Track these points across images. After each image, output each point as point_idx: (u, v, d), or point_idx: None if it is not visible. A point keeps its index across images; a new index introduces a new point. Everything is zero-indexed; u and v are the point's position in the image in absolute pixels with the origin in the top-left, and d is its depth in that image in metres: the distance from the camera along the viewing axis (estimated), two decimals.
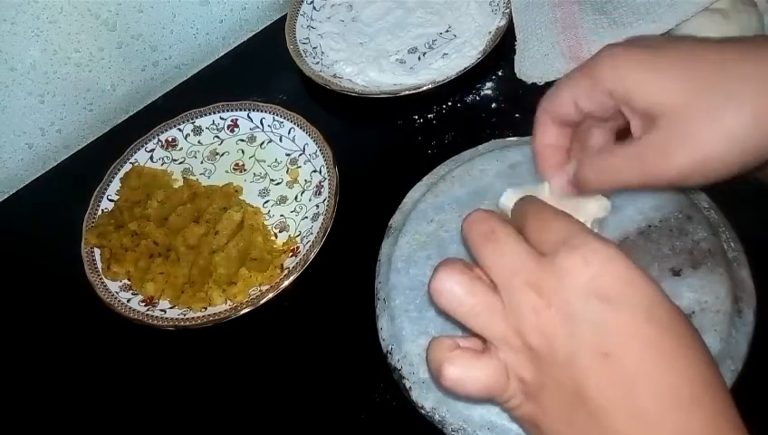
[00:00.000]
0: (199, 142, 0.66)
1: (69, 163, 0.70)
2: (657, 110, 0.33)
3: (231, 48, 0.77)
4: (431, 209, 0.53)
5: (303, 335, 0.53)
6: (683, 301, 0.44)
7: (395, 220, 0.55)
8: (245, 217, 0.58)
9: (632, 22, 0.61)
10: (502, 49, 0.66)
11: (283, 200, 0.61)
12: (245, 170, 0.64)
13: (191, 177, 0.63)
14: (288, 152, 0.63)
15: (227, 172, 0.64)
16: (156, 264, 0.56)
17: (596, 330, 0.28)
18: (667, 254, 0.47)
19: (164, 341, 0.54)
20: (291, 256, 0.56)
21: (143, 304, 0.55)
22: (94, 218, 0.60)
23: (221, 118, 0.66)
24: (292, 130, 0.64)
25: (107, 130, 0.72)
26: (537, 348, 0.29)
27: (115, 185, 0.62)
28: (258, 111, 0.66)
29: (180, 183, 0.63)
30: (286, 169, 0.63)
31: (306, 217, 0.58)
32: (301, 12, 0.74)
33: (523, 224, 0.32)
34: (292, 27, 0.73)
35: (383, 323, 0.49)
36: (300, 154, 0.63)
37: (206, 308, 0.54)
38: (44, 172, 0.70)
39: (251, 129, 0.66)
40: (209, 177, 0.64)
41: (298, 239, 0.57)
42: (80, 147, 0.71)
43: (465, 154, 0.58)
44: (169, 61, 0.75)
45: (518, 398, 0.31)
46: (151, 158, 0.65)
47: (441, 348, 0.31)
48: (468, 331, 0.32)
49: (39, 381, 0.55)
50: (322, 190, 0.59)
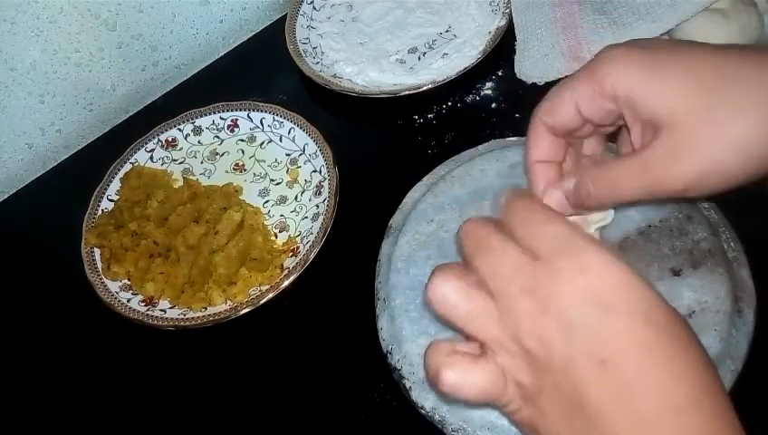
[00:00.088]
0: (199, 142, 0.66)
1: (69, 163, 0.70)
2: (661, 118, 0.32)
3: (231, 48, 0.77)
4: (431, 209, 0.53)
5: (303, 335, 0.53)
6: (683, 301, 0.44)
7: (395, 220, 0.55)
8: (245, 217, 0.58)
9: (632, 22, 0.61)
10: (502, 49, 0.66)
11: (283, 200, 0.61)
12: (245, 170, 0.64)
13: (191, 177, 0.63)
14: (288, 152, 0.63)
15: (227, 172, 0.64)
16: (156, 264, 0.56)
17: (593, 336, 0.28)
18: (667, 254, 0.47)
19: (164, 341, 0.54)
20: (291, 256, 0.56)
21: (143, 304, 0.55)
22: (94, 218, 0.61)
23: (221, 118, 0.66)
24: (292, 130, 0.64)
25: (107, 130, 0.72)
26: (534, 353, 0.29)
27: (115, 185, 0.62)
28: (258, 111, 0.66)
29: (180, 183, 0.63)
30: (286, 169, 0.63)
31: (306, 217, 0.58)
32: (301, 12, 0.74)
33: (515, 226, 0.31)
34: (292, 27, 0.73)
35: (383, 323, 0.49)
36: (300, 154, 0.63)
37: (206, 308, 0.54)
38: (44, 172, 0.70)
39: (251, 129, 0.66)
40: (209, 177, 0.64)
41: (298, 239, 0.57)
42: (80, 147, 0.71)
43: (465, 154, 0.58)
44: (169, 61, 0.75)
45: (517, 402, 0.30)
46: (151, 158, 0.65)
47: (438, 353, 0.31)
48: (465, 336, 0.31)
49: (39, 381, 0.55)
50: (322, 190, 0.59)
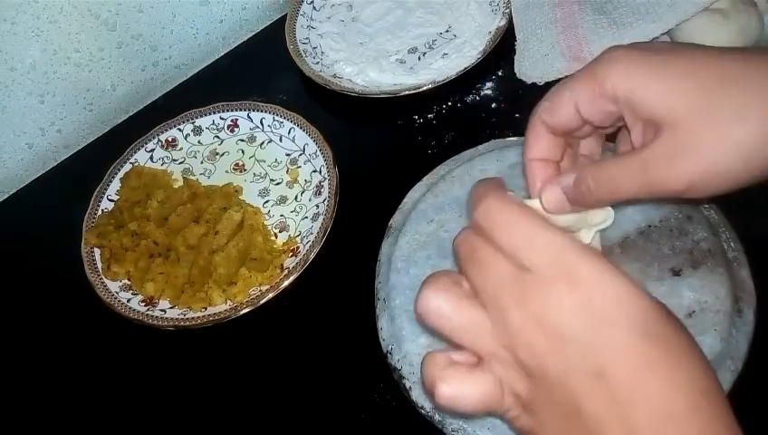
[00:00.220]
0: (199, 142, 0.66)
1: (69, 163, 0.70)
2: (662, 118, 0.32)
3: (231, 48, 0.77)
4: (431, 209, 0.54)
5: (303, 335, 0.53)
6: (683, 301, 0.44)
7: (395, 220, 0.55)
8: (245, 217, 0.58)
9: (632, 22, 0.61)
10: (502, 49, 0.66)
11: (283, 200, 0.61)
12: (245, 170, 0.64)
13: (191, 177, 0.63)
14: (288, 152, 0.63)
15: (227, 172, 0.64)
16: (156, 264, 0.56)
17: (587, 350, 0.27)
18: (667, 254, 0.47)
19: (164, 341, 0.54)
20: (291, 256, 0.56)
21: (143, 304, 0.55)
22: (94, 218, 0.60)
23: (221, 118, 0.66)
24: (292, 130, 0.64)
25: (107, 130, 0.72)
26: (529, 366, 0.28)
27: (115, 185, 0.62)
28: (258, 111, 0.66)
29: (180, 183, 0.63)
30: (286, 169, 0.63)
31: (306, 217, 0.58)
32: (301, 12, 0.74)
33: (499, 237, 0.30)
34: (292, 27, 0.73)
35: (383, 323, 0.49)
36: (300, 154, 0.63)
37: (206, 308, 0.54)
38: (44, 172, 0.70)
39: (251, 129, 0.66)
40: (209, 177, 0.64)
41: (298, 239, 0.57)
42: (80, 147, 0.71)
43: (465, 154, 0.58)
44: (169, 61, 0.75)
45: (515, 410, 0.30)
46: (151, 158, 0.65)
47: (434, 365, 0.31)
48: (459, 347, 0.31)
49: (39, 381, 0.55)
50: (322, 190, 0.59)
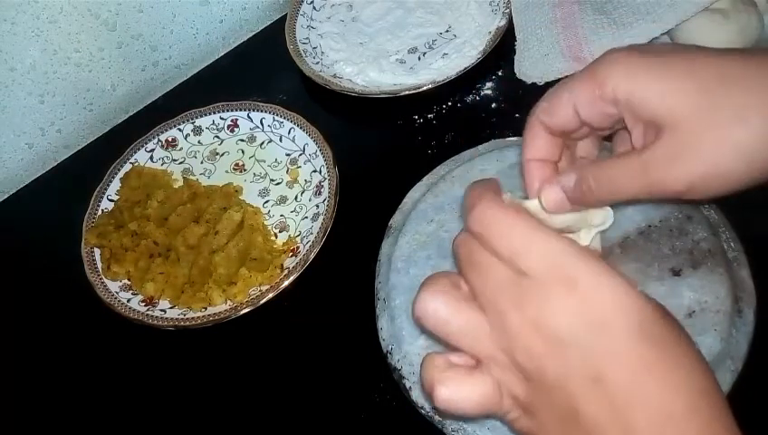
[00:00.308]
0: (199, 142, 0.66)
1: (69, 163, 0.70)
2: (662, 119, 0.32)
3: (231, 48, 0.77)
4: (431, 209, 0.54)
5: (303, 335, 0.53)
6: (683, 301, 0.44)
7: (395, 220, 0.55)
8: (245, 217, 0.58)
9: (632, 22, 0.61)
10: (502, 49, 0.66)
11: (283, 200, 0.61)
12: (245, 170, 0.64)
13: (191, 177, 0.63)
14: (288, 152, 0.63)
15: (227, 172, 0.64)
16: (156, 264, 0.56)
17: (585, 355, 0.27)
18: (667, 254, 0.47)
19: (164, 341, 0.54)
20: (291, 256, 0.56)
21: (143, 304, 0.55)
22: (94, 218, 0.60)
23: (221, 118, 0.66)
24: (292, 130, 0.64)
25: (107, 130, 0.72)
26: (527, 369, 0.29)
27: (115, 185, 0.62)
28: (258, 111, 0.66)
29: (180, 183, 0.63)
30: (286, 169, 0.63)
31: (306, 217, 0.58)
32: (301, 12, 0.74)
33: (494, 242, 0.30)
34: (292, 27, 0.73)
35: (383, 323, 0.49)
36: (300, 154, 0.63)
37: (206, 308, 0.54)
38: (44, 172, 0.70)
39: (251, 129, 0.66)
40: (209, 177, 0.64)
41: (298, 239, 0.57)
42: (80, 147, 0.71)
43: (465, 154, 0.58)
44: (169, 61, 0.75)
45: (515, 412, 0.30)
46: (151, 158, 0.65)
47: (432, 368, 0.31)
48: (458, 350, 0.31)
49: (39, 381, 0.55)
50: (322, 190, 0.59)
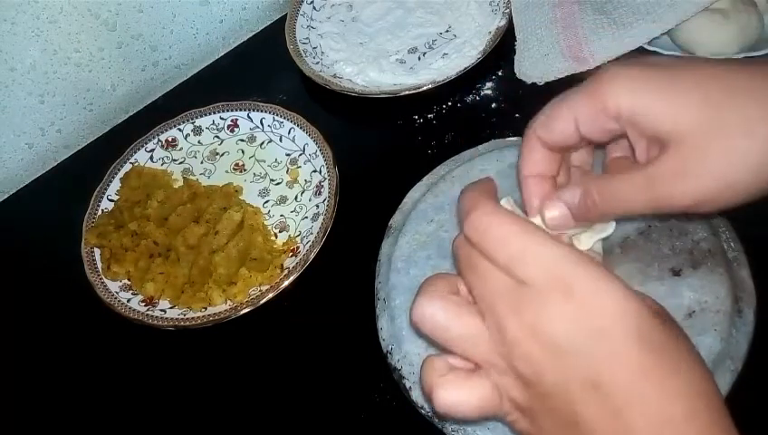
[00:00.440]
0: (199, 142, 0.66)
1: (69, 163, 0.70)
2: (667, 134, 0.31)
3: (231, 48, 0.77)
4: (431, 209, 0.54)
5: (303, 335, 0.53)
6: (683, 301, 0.44)
7: (395, 220, 0.55)
8: (245, 217, 0.58)
9: (632, 22, 0.61)
10: (502, 49, 0.66)
11: (283, 200, 0.61)
12: (245, 170, 0.64)
13: (191, 177, 0.63)
14: (288, 152, 0.63)
15: (227, 172, 0.64)
16: (156, 264, 0.56)
17: (583, 361, 0.27)
18: (667, 254, 0.47)
19: (164, 341, 0.54)
20: (291, 256, 0.56)
21: (143, 304, 0.55)
22: (94, 218, 0.60)
23: (221, 118, 0.66)
24: (292, 130, 0.64)
25: (107, 130, 0.72)
26: (525, 375, 0.29)
27: (115, 185, 0.62)
28: (258, 111, 0.66)
29: (180, 183, 0.63)
30: (286, 169, 0.63)
31: (306, 217, 0.58)
32: (301, 12, 0.74)
33: (491, 250, 0.30)
34: (292, 27, 0.73)
35: (383, 323, 0.49)
36: (300, 154, 0.63)
37: (206, 308, 0.54)
38: (44, 172, 0.70)
39: (251, 129, 0.66)
40: (209, 177, 0.64)
41: (298, 239, 0.57)
42: (80, 147, 0.71)
43: (465, 154, 0.58)
44: (169, 61, 0.75)
45: (514, 414, 0.30)
46: (151, 158, 0.65)
47: (432, 371, 0.31)
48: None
49: (39, 381, 0.55)
50: (322, 190, 0.59)
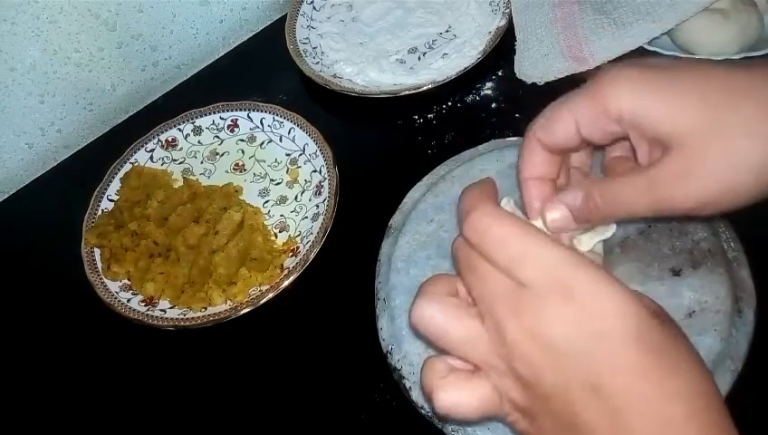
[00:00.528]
0: (199, 142, 0.66)
1: (69, 163, 0.70)
2: (669, 137, 0.31)
3: (231, 48, 0.77)
4: (431, 209, 0.53)
5: (303, 335, 0.53)
6: (683, 301, 0.44)
7: (395, 220, 0.55)
8: (245, 217, 0.58)
9: (632, 22, 0.61)
10: (502, 49, 0.66)
11: (283, 200, 0.61)
12: (245, 170, 0.64)
13: (191, 177, 0.63)
14: (288, 152, 0.63)
15: (227, 172, 0.64)
16: (156, 264, 0.56)
17: (583, 364, 0.27)
18: (667, 254, 0.47)
19: (164, 341, 0.54)
20: (291, 256, 0.56)
21: (143, 304, 0.55)
22: (94, 218, 0.60)
23: (221, 118, 0.66)
24: (292, 130, 0.64)
25: (107, 130, 0.72)
26: (524, 377, 0.29)
27: (115, 185, 0.62)
28: (258, 111, 0.66)
29: (180, 183, 0.63)
30: (286, 169, 0.63)
31: (306, 217, 0.58)
32: (301, 12, 0.74)
33: (490, 251, 0.30)
34: (292, 27, 0.73)
35: (383, 323, 0.49)
36: (300, 154, 0.63)
37: (206, 308, 0.54)
38: (44, 172, 0.70)
39: (251, 129, 0.66)
40: (209, 177, 0.64)
41: (298, 239, 0.57)
42: (80, 147, 0.71)
43: (465, 154, 0.58)
44: (169, 61, 0.75)
45: (514, 415, 0.30)
46: (151, 158, 0.65)
47: (432, 372, 0.31)
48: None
49: (39, 381, 0.55)
50: (322, 190, 0.59)
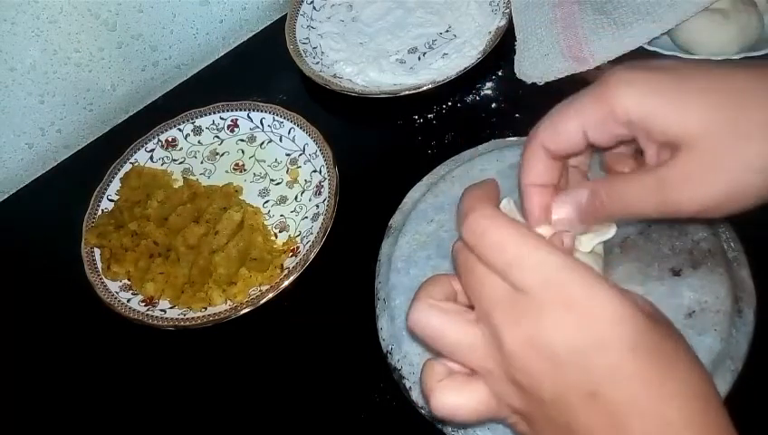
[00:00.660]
0: (199, 142, 0.66)
1: (69, 163, 0.70)
2: (679, 139, 0.31)
3: (231, 48, 0.77)
4: (431, 209, 0.53)
5: (303, 335, 0.53)
6: (683, 301, 0.44)
7: (395, 220, 0.55)
8: (245, 217, 0.58)
9: (632, 22, 0.61)
10: (502, 49, 0.66)
11: (283, 200, 0.61)
12: (245, 170, 0.64)
13: (191, 177, 0.63)
14: (288, 152, 0.63)
15: (227, 172, 0.64)
16: (156, 264, 0.56)
17: (581, 371, 0.27)
18: (667, 254, 0.47)
19: (164, 341, 0.54)
20: (291, 256, 0.56)
21: (143, 304, 0.55)
22: (94, 218, 0.60)
23: (221, 118, 0.66)
24: (292, 130, 0.64)
25: (107, 130, 0.72)
26: (522, 384, 0.28)
27: (115, 185, 0.62)
28: (258, 111, 0.66)
29: (180, 183, 0.63)
30: (286, 169, 0.63)
31: (306, 217, 0.58)
32: (301, 12, 0.74)
33: (488, 254, 0.29)
34: (292, 27, 0.73)
35: (383, 323, 0.49)
36: (300, 154, 0.63)
37: (206, 308, 0.54)
38: (44, 172, 0.70)
39: (251, 129, 0.66)
40: (209, 177, 0.64)
41: (298, 239, 0.57)
42: (80, 147, 0.71)
43: (465, 154, 0.58)
44: (169, 61, 0.75)
45: (513, 418, 0.30)
46: (151, 158, 0.65)
47: (431, 376, 0.31)
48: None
49: (39, 381, 0.55)
50: (322, 190, 0.59)
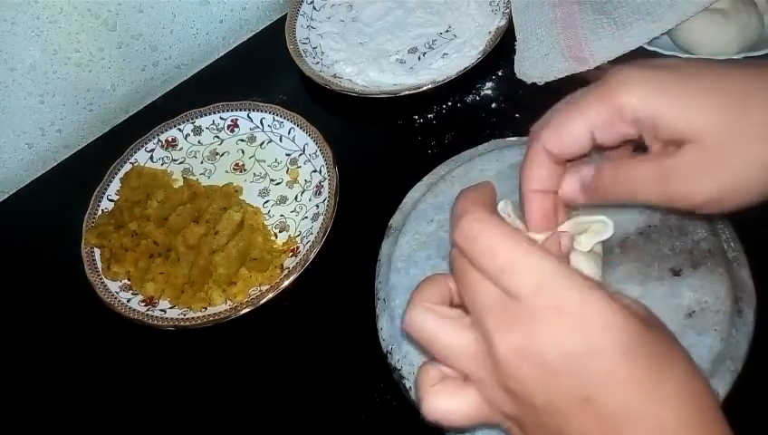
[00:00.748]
0: (199, 142, 0.66)
1: (69, 163, 0.70)
2: (686, 136, 0.31)
3: (231, 48, 0.77)
4: (431, 209, 0.53)
5: (303, 335, 0.53)
6: (683, 301, 0.44)
7: (395, 220, 0.55)
8: (245, 217, 0.58)
9: (632, 22, 0.61)
10: (502, 49, 0.66)
11: (283, 200, 0.61)
12: (245, 170, 0.64)
13: (191, 177, 0.63)
14: (288, 152, 0.63)
15: (227, 172, 0.64)
16: (156, 264, 0.56)
17: (574, 378, 0.27)
18: (667, 254, 0.47)
19: (164, 341, 0.54)
20: (291, 256, 0.56)
21: (143, 304, 0.55)
22: (94, 218, 0.60)
23: (221, 118, 0.66)
24: (292, 130, 0.64)
25: (107, 130, 0.72)
26: (514, 391, 0.28)
27: (115, 185, 0.62)
28: (258, 111, 0.66)
29: (180, 183, 0.63)
30: (286, 169, 0.63)
31: (306, 217, 0.58)
32: (301, 12, 0.74)
33: (481, 260, 0.29)
34: (292, 27, 0.73)
35: (383, 323, 0.49)
36: (300, 154, 0.63)
37: (206, 308, 0.54)
38: (44, 172, 0.70)
39: (251, 129, 0.66)
40: (209, 177, 0.64)
41: (298, 239, 0.57)
42: (80, 147, 0.71)
43: (465, 154, 0.58)
44: (169, 61, 0.75)
45: (507, 423, 0.30)
46: (151, 158, 0.65)
47: (425, 380, 0.31)
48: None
49: (39, 381, 0.55)
50: (322, 190, 0.59)
